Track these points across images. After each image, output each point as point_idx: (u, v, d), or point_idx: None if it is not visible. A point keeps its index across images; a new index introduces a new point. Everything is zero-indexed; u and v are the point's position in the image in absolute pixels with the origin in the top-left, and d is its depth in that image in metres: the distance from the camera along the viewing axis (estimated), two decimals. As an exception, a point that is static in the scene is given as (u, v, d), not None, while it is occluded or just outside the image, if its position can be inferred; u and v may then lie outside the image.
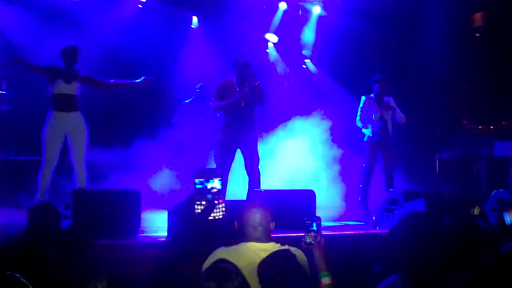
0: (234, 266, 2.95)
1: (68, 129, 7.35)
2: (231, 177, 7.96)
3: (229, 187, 7.75)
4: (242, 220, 3.78)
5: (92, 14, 10.84)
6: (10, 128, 9.91)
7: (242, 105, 7.60)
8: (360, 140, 9.16)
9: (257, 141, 7.90)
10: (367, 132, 8.80)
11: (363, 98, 8.85)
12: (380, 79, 8.77)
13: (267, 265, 3.20)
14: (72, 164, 7.45)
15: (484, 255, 3.54)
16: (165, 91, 11.00)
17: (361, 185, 8.78)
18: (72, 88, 7.41)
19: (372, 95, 8.84)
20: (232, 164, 7.83)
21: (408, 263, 3.17)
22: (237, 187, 8.54)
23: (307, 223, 3.63)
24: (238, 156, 7.87)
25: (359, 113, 8.83)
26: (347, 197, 10.07)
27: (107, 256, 4.91)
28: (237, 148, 7.77)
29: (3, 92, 10.21)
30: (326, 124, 10.65)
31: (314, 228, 3.59)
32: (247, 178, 7.89)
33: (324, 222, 7.44)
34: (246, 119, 7.68)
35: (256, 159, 7.80)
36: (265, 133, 10.22)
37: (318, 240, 3.56)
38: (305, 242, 3.63)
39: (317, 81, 12.67)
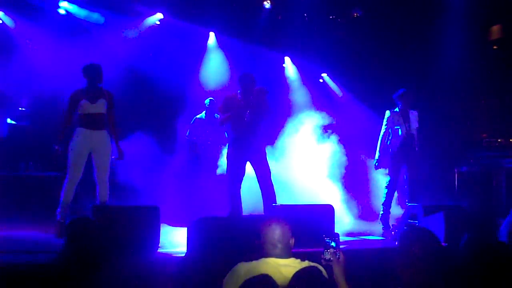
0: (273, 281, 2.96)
1: (93, 146, 7.35)
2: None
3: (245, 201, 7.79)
4: (262, 236, 3.76)
5: (110, 29, 10.94)
6: (29, 144, 9.99)
7: (246, 120, 7.65)
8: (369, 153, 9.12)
9: (265, 154, 7.90)
10: (392, 146, 8.67)
11: (388, 113, 8.75)
12: (405, 93, 8.70)
13: (299, 280, 3.22)
14: (95, 181, 7.44)
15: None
16: (183, 106, 11.05)
17: (383, 199, 8.70)
18: (97, 107, 7.36)
19: (397, 109, 8.75)
20: (243, 177, 7.88)
21: (409, 278, 3.16)
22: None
23: (326, 240, 3.61)
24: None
25: (384, 128, 8.73)
26: (358, 212, 10.06)
27: (125, 272, 4.91)
28: (246, 161, 7.82)
29: (23, 108, 10.31)
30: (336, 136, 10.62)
31: (333, 244, 3.57)
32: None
33: (343, 237, 7.43)
34: (252, 134, 7.73)
35: (268, 172, 7.83)
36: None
37: (337, 256, 3.55)
38: (324, 259, 3.61)
39: (334, 96, 12.68)
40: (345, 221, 9.45)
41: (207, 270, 5.23)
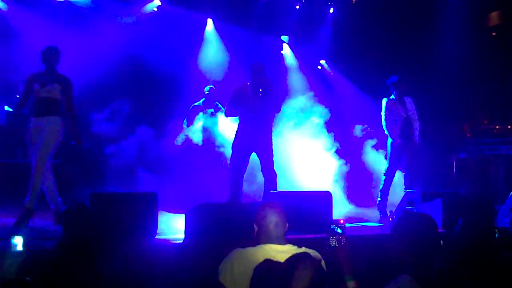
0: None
1: (39, 131, 6.99)
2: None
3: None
4: (257, 222, 3.76)
5: (107, 18, 10.90)
6: (19, 132, 9.98)
7: (255, 111, 7.68)
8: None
9: (271, 144, 7.93)
10: (391, 135, 8.65)
11: (384, 100, 8.71)
12: (399, 80, 8.67)
13: (290, 265, 3.22)
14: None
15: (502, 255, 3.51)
16: (180, 94, 11.03)
17: (381, 187, 8.70)
18: (48, 91, 7.01)
19: (393, 96, 8.72)
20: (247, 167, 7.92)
21: (409, 263, 3.16)
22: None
23: (332, 227, 3.59)
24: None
25: (384, 116, 8.68)
26: (353, 198, 10.08)
27: (124, 258, 4.92)
28: (251, 153, 7.87)
29: (19, 96, 10.28)
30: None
31: (339, 231, 3.56)
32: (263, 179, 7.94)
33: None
34: (260, 125, 7.79)
35: (271, 161, 7.87)
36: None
37: (342, 243, 3.54)
38: (329, 245, 3.59)
39: (332, 82, 12.66)
40: (341, 207, 9.46)
41: (204, 256, 5.26)
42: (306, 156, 10.39)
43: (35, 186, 6.87)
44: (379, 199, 8.67)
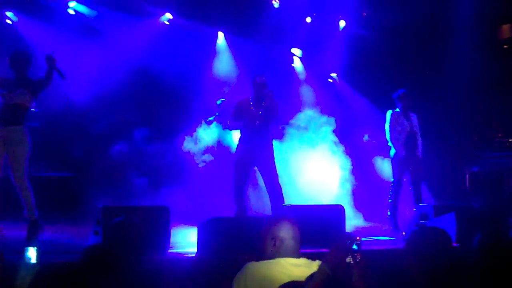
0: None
1: (6, 145, 6.67)
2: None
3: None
4: (273, 235, 3.74)
5: (119, 30, 10.96)
6: (40, 145, 10.00)
7: (257, 125, 7.66)
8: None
9: (273, 158, 7.90)
10: (395, 147, 8.65)
11: (389, 112, 8.72)
12: (405, 94, 8.69)
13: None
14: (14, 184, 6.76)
15: None
16: (191, 107, 11.06)
17: (390, 200, 8.68)
18: (14, 97, 6.65)
19: (398, 109, 8.73)
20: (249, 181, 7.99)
21: (424, 278, 3.12)
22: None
23: (348, 243, 3.52)
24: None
25: (388, 129, 8.69)
26: (363, 211, 10.04)
27: (137, 272, 4.91)
28: (253, 167, 7.87)
29: (33, 109, 10.30)
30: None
31: (355, 247, 3.49)
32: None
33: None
34: (261, 138, 7.77)
35: (275, 176, 7.85)
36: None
37: (357, 260, 3.48)
38: (346, 262, 3.53)
39: (344, 95, 12.65)
40: (352, 221, 9.42)
41: (217, 270, 5.24)
42: (314, 169, 10.37)
43: (27, 198, 6.71)
44: (389, 213, 8.64)
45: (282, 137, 10.12)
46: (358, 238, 3.42)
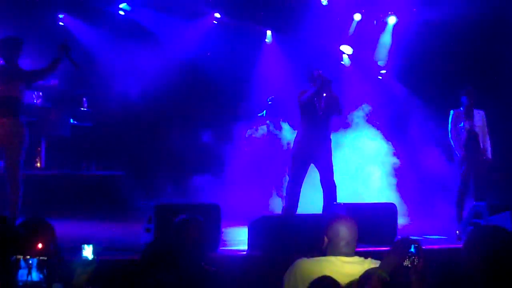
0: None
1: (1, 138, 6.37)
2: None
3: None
4: (328, 233, 3.70)
5: (169, 30, 11.07)
6: (92, 144, 10.18)
7: (319, 116, 7.57)
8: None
9: (331, 154, 7.80)
10: (454, 147, 8.51)
11: (451, 112, 8.57)
12: (468, 91, 8.51)
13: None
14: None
15: None
16: (240, 105, 11.09)
17: (455, 199, 8.51)
18: (6, 89, 6.36)
19: (461, 108, 8.58)
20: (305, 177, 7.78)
21: (484, 280, 3.02)
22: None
23: (406, 246, 3.40)
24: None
25: (449, 128, 8.56)
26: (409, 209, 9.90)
27: (191, 270, 4.93)
28: (310, 163, 7.73)
29: (84, 109, 10.50)
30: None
31: (412, 250, 3.38)
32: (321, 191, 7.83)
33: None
34: (322, 130, 7.67)
35: (331, 172, 7.73)
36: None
37: (415, 263, 3.35)
38: (402, 265, 3.44)
39: (394, 93, 12.48)
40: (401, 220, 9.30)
41: (268, 267, 5.24)
42: (363, 167, 10.34)
43: (13, 202, 6.34)
44: (456, 212, 8.49)
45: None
46: (416, 241, 3.33)
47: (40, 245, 3.27)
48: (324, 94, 7.62)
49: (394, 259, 3.26)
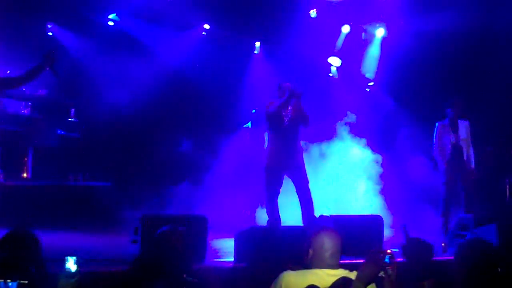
0: None
1: None
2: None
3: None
4: (314, 246, 3.71)
5: (158, 41, 11.09)
6: (79, 154, 10.15)
7: (287, 125, 7.59)
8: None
9: (304, 163, 7.78)
10: (437, 160, 8.55)
11: (436, 125, 8.60)
12: (452, 103, 8.54)
13: None
14: None
15: None
16: (228, 116, 11.10)
17: (441, 210, 8.54)
18: None
19: (446, 120, 8.61)
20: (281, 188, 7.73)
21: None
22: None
23: (380, 257, 3.35)
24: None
25: (434, 140, 8.57)
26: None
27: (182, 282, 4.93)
28: (284, 174, 7.71)
29: (72, 119, 10.48)
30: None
31: (387, 261, 3.39)
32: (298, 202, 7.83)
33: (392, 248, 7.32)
34: (290, 141, 7.64)
35: (306, 181, 7.69)
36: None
37: (389, 274, 3.33)
38: (378, 276, 3.44)
39: (381, 104, 12.54)
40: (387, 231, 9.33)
41: (254, 278, 5.24)
42: (349, 177, 10.36)
43: None
44: (441, 223, 8.52)
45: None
46: (389, 251, 3.34)
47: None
48: (289, 107, 7.65)
49: (369, 270, 3.26)
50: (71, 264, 3.30)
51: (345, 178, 10.37)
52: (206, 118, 11.42)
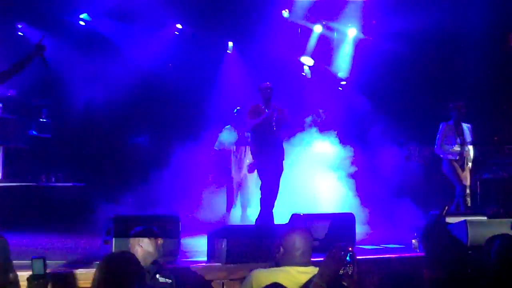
0: None
1: None
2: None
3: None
4: (284, 245, 3.74)
5: (131, 40, 11.04)
6: (51, 155, 10.07)
7: (275, 128, 7.81)
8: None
9: (282, 170, 8.08)
10: (448, 156, 8.81)
11: (441, 125, 8.93)
12: (456, 106, 8.82)
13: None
14: None
15: None
16: (202, 116, 11.09)
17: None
18: None
19: (451, 122, 8.85)
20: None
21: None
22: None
23: (342, 254, 3.32)
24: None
25: (438, 140, 8.90)
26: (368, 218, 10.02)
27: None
28: (275, 170, 8.00)
29: (43, 120, 10.40)
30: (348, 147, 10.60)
31: (348, 259, 3.36)
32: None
33: (364, 245, 7.39)
34: (275, 144, 7.99)
35: (279, 178, 8.05)
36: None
37: (350, 272, 3.31)
38: (339, 273, 3.40)
39: (354, 104, 12.63)
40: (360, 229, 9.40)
41: (227, 277, 5.27)
42: (321, 177, 10.40)
43: None
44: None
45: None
46: (351, 248, 3.34)
47: None
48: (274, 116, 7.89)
49: (330, 268, 3.27)
50: (38, 267, 3.28)
51: (319, 175, 10.41)
52: (181, 117, 11.40)
